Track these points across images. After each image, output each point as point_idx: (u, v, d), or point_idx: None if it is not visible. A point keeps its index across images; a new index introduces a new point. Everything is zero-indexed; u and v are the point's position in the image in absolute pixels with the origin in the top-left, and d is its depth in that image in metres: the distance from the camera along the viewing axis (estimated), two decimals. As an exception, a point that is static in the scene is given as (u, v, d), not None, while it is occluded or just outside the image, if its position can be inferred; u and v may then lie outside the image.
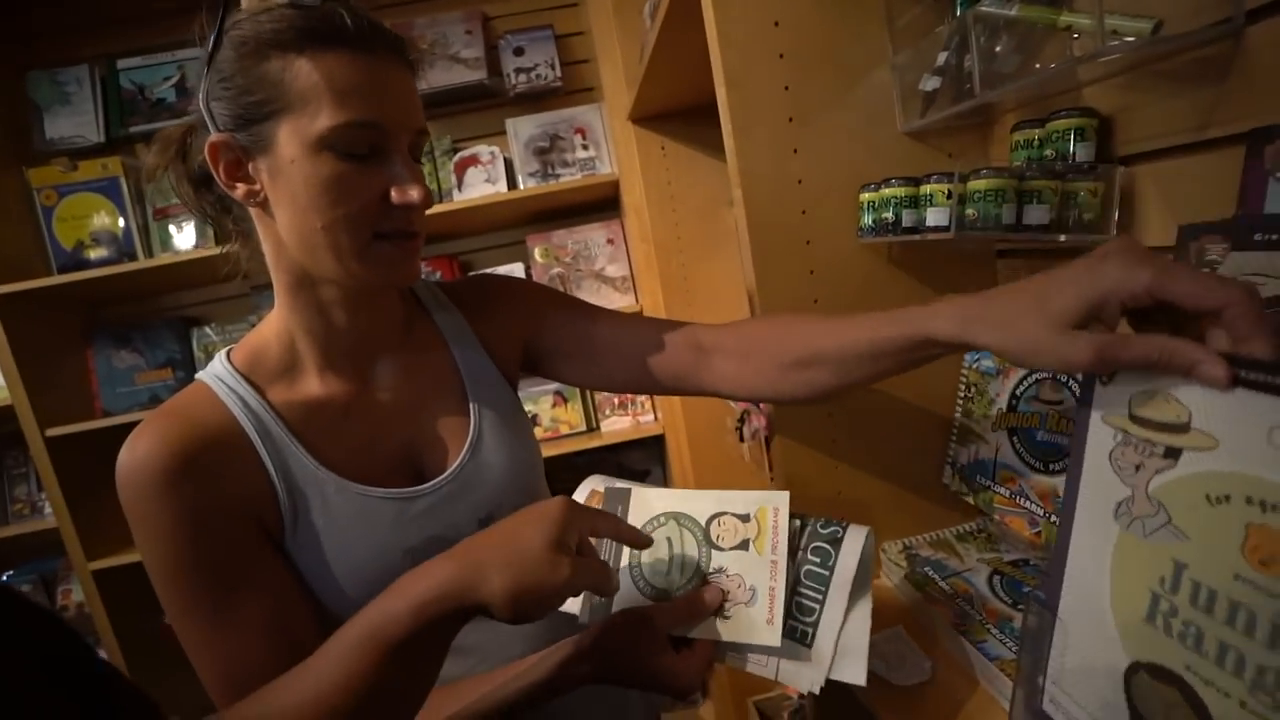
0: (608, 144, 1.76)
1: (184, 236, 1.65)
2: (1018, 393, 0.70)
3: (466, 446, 0.63)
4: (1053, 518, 0.64)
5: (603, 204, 1.83)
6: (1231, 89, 0.47)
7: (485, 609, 0.45)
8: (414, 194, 0.52)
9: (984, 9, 0.58)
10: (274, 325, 0.60)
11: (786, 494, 0.57)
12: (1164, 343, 0.36)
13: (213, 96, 0.51)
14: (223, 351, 0.60)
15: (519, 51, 1.78)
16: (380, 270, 0.54)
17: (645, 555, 0.58)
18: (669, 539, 0.58)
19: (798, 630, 0.53)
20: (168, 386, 1.69)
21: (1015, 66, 0.60)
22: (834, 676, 0.51)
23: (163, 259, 1.55)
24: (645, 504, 0.60)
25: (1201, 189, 0.51)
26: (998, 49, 0.61)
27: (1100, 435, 0.43)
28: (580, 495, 0.64)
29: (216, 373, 0.57)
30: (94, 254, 1.61)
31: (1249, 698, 0.34)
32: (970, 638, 0.64)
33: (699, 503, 0.59)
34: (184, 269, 1.57)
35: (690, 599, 0.55)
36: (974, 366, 0.77)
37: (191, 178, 0.58)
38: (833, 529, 0.56)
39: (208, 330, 1.75)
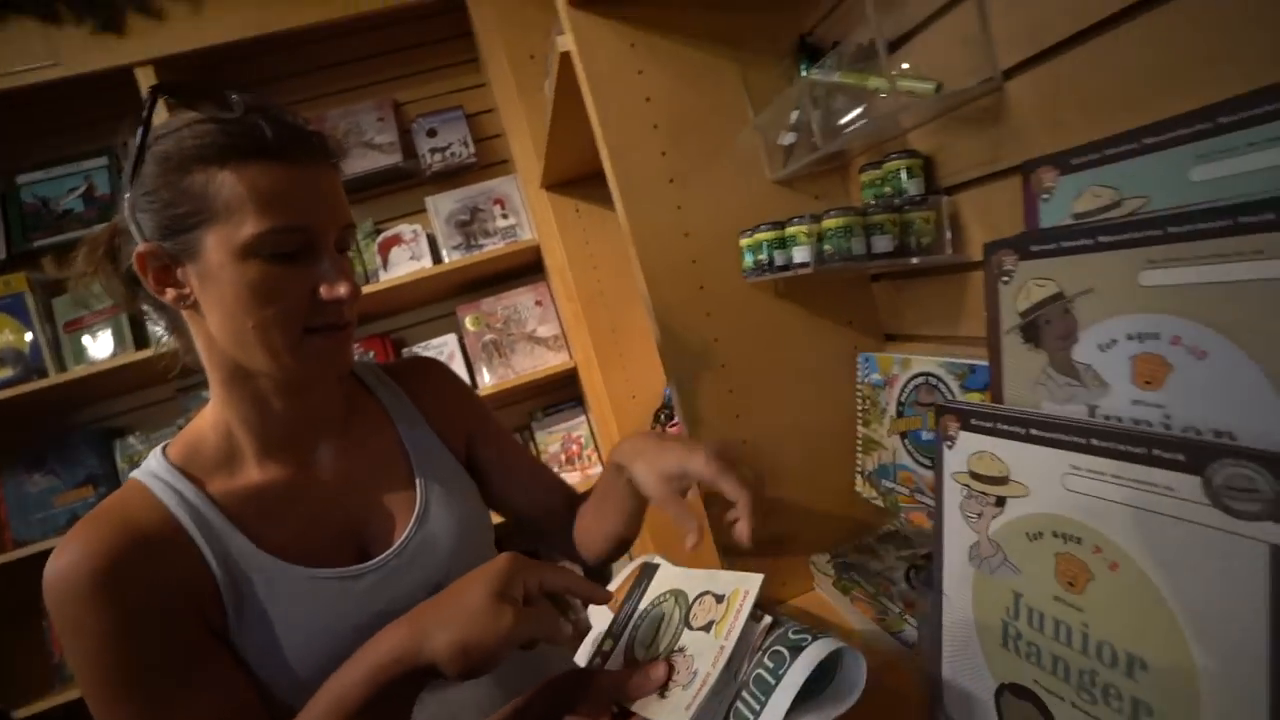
0: (526, 211, 1.84)
1: (99, 345, 1.61)
2: (902, 399, 0.77)
3: (413, 520, 0.64)
4: (945, 508, 0.71)
5: (527, 268, 1.90)
6: (1005, 130, 0.57)
7: (436, 667, 0.47)
8: (342, 290, 0.55)
9: (814, 76, 0.68)
10: (210, 418, 0.61)
11: (760, 577, 0.54)
12: (685, 515, 0.59)
13: (138, 209, 0.53)
14: (159, 448, 0.60)
15: (432, 133, 1.86)
16: (313, 363, 0.57)
17: (644, 623, 0.60)
18: (664, 613, 0.59)
19: None
20: (88, 505, 1.61)
21: (850, 120, 0.71)
22: None
23: (77, 371, 1.51)
24: (663, 579, 0.63)
25: (1003, 210, 0.61)
26: (833, 107, 0.71)
27: (952, 491, 0.52)
28: (629, 568, 0.67)
29: (152, 469, 0.58)
30: None
31: (1076, 698, 0.42)
32: (890, 630, 0.70)
33: (696, 580, 0.60)
34: (102, 379, 1.53)
35: (635, 671, 0.54)
36: (866, 381, 0.84)
37: (123, 278, 0.59)
38: (800, 636, 0.49)
39: (131, 440, 1.69)
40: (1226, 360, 0.38)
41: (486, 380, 1.81)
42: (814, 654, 0.46)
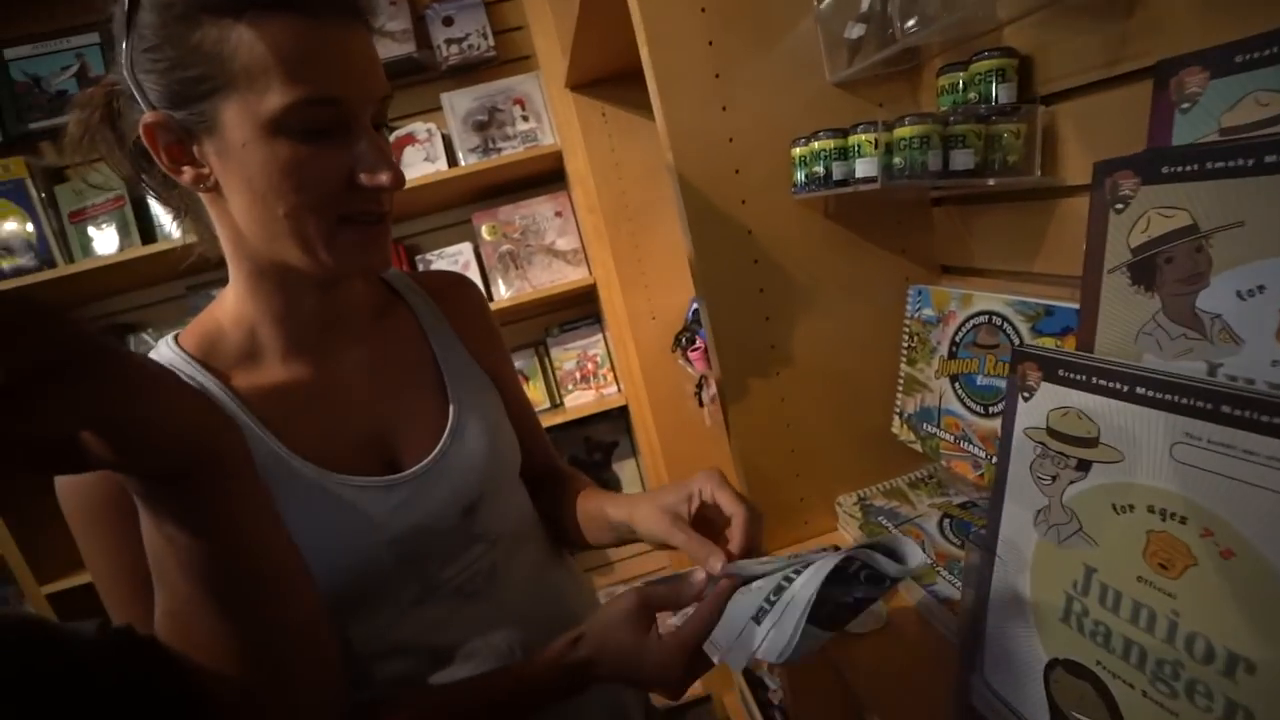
0: (548, 114, 1.71)
1: (106, 238, 1.56)
2: (957, 339, 0.70)
3: (446, 434, 0.61)
4: (994, 459, 0.65)
5: (548, 176, 1.79)
6: (1138, 22, 0.46)
7: None
8: (384, 178, 0.49)
9: (900, -50, 0.57)
10: (230, 311, 0.56)
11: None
12: (698, 541, 0.54)
13: (139, 69, 0.45)
14: (169, 336, 0.56)
15: (448, 21, 1.70)
16: (350, 257, 0.51)
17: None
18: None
19: (760, 610, 0.49)
20: (106, 397, 1.62)
21: (936, 8, 0.59)
22: (760, 655, 0.47)
23: (86, 264, 1.47)
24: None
25: (1117, 124, 0.51)
26: (918, -9, 0.59)
27: (1023, 447, 0.46)
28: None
29: (166, 359, 0.53)
30: (7, 264, 1.51)
31: (1150, 688, 0.37)
32: (920, 581, 0.66)
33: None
34: (110, 274, 1.49)
35: (680, 580, 0.54)
36: (916, 316, 0.77)
37: (126, 149, 0.52)
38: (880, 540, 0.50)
39: (145, 336, 1.68)
40: None
41: (503, 293, 1.75)
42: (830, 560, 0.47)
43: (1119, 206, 0.44)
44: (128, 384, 0.27)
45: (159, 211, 1.58)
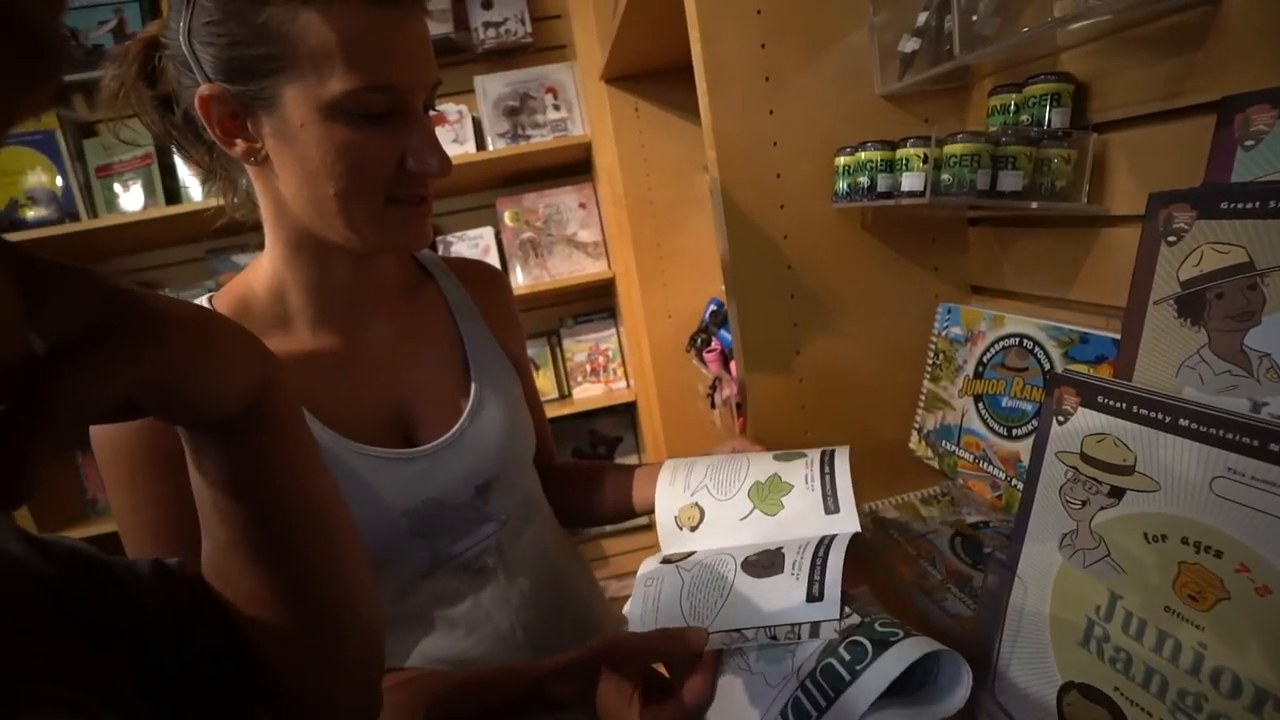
0: (580, 104, 1.71)
1: (131, 196, 1.56)
2: (984, 359, 0.70)
3: (466, 413, 0.62)
4: (1014, 482, 0.66)
5: (575, 166, 1.79)
6: (1206, 57, 0.46)
7: None
8: (433, 165, 0.51)
9: (965, -33, 0.57)
10: (264, 277, 0.57)
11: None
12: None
13: (198, 39, 0.46)
14: (203, 298, 0.57)
15: (487, 4, 1.70)
16: (393, 236, 0.53)
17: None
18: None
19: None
20: (120, 353, 1.62)
21: (995, 29, 0.59)
22: None
23: (109, 219, 1.47)
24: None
25: (1170, 158, 0.51)
26: (978, 11, 0.59)
27: (1053, 470, 0.46)
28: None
29: None
30: (31, 214, 1.52)
31: (1169, 718, 0.37)
32: (931, 596, 0.66)
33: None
34: (132, 230, 1.50)
35: (675, 633, 0.49)
36: (943, 334, 0.77)
37: (164, 107, 0.53)
38: (889, 630, 0.44)
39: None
40: None
41: (520, 280, 1.76)
42: (903, 653, 0.40)
43: (1171, 239, 0.44)
44: (174, 347, 0.25)
45: (186, 174, 1.59)
